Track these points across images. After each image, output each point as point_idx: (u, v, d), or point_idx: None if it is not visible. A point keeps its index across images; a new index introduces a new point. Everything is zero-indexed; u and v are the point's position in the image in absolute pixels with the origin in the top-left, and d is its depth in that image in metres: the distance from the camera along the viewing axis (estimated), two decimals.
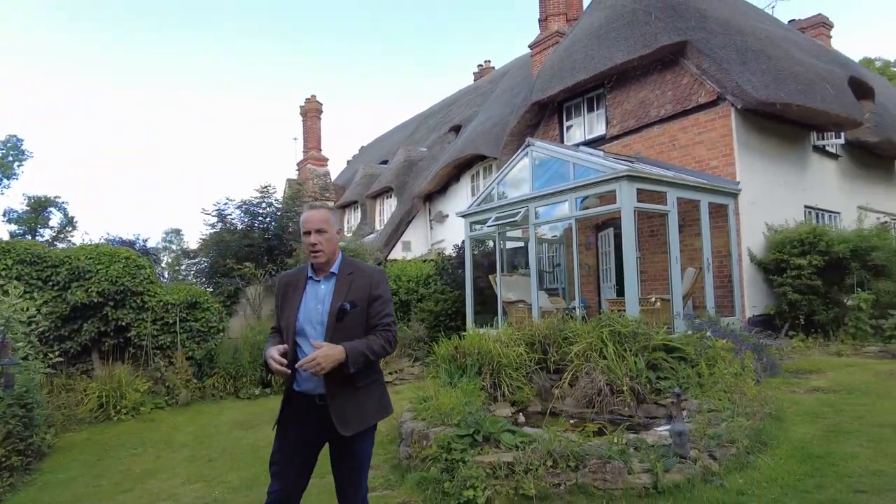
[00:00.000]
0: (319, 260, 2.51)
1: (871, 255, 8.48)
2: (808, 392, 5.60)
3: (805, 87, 9.08)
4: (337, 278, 2.53)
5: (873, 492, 3.08)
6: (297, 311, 2.48)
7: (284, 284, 2.63)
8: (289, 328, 2.48)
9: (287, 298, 2.56)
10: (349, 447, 2.47)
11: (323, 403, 2.40)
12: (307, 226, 2.50)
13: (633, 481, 3.57)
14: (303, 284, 2.55)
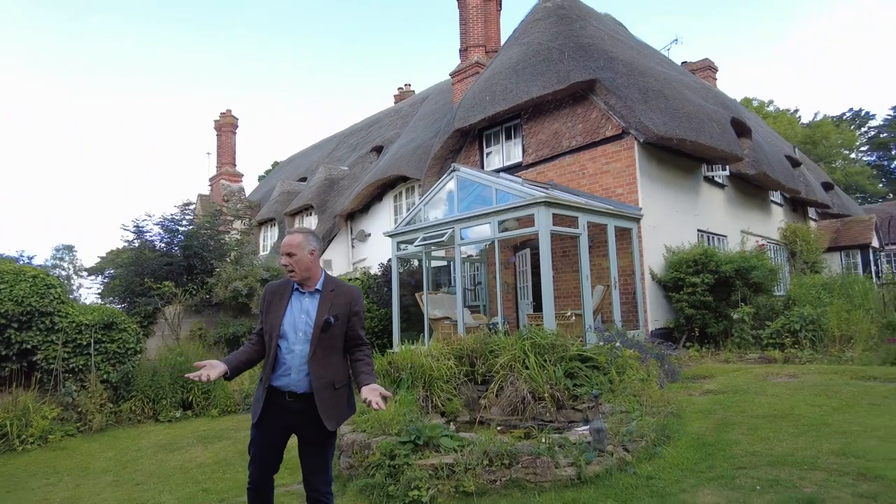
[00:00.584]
0: (294, 278, 2.91)
1: (752, 274, 9.69)
2: (703, 394, 6.39)
3: (697, 125, 10.28)
4: (321, 294, 2.92)
5: (751, 467, 3.73)
6: (282, 317, 2.86)
7: (271, 293, 2.98)
8: (273, 330, 2.85)
9: (273, 305, 2.93)
10: (326, 439, 2.88)
11: (292, 401, 2.81)
12: (282, 249, 2.94)
13: (560, 474, 4.04)
14: (288, 294, 2.93)
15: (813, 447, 4.01)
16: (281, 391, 2.82)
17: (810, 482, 3.36)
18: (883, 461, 3.56)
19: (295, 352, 2.81)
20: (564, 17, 12.27)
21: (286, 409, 2.84)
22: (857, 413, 4.88)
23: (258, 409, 2.87)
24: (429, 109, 19.53)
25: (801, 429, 4.54)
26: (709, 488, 3.49)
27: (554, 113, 11.45)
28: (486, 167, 12.87)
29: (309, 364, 2.79)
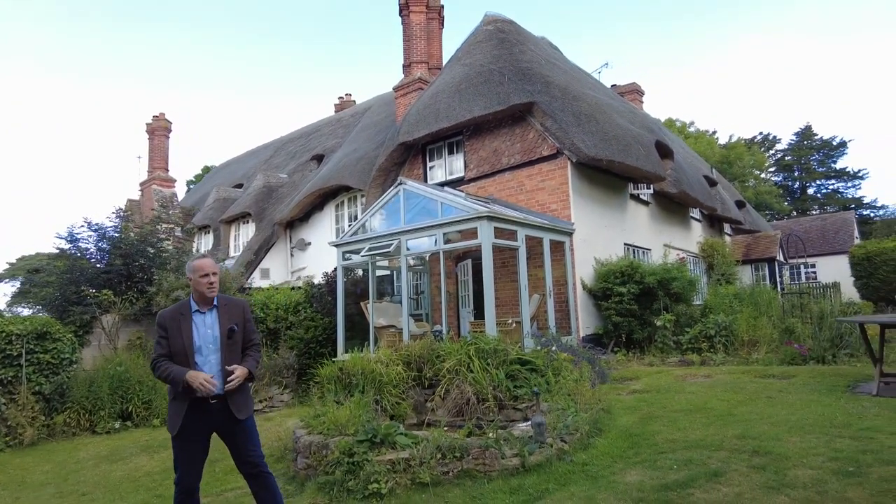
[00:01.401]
0: (215, 293, 3.50)
1: (672, 284, 10.60)
2: (630, 393, 7.05)
3: (624, 147, 11.17)
4: (218, 309, 3.50)
5: (669, 452, 4.32)
6: (193, 335, 3.39)
7: (169, 319, 3.42)
8: (188, 349, 3.35)
9: (176, 329, 3.39)
10: (241, 425, 3.49)
11: (214, 402, 3.36)
12: (207, 269, 3.46)
13: (507, 464, 4.49)
14: (188, 316, 3.43)
15: (720, 433, 4.67)
16: (204, 397, 3.30)
17: (716, 460, 3.97)
18: (772, 441, 4.24)
19: (211, 361, 3.39)
20: (504, 40, 12.97)
21: (208, 412, 3.36)
22: (756, 405, 5.64)
23: (179, 421, 3.32)
24: (371, 120, 19.81)
25: (711, 419, 5.21)
26: (634, 470, 4.03)
27: (494, 131, 12.07)
28: (430, 180, 13.33)
29: (221, 368, 3.38)
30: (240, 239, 20.72)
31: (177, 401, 3.35)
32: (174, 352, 3.35)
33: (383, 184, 13.93)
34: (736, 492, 3.35)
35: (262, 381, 10.16)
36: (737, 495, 3.30)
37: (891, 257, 20.35)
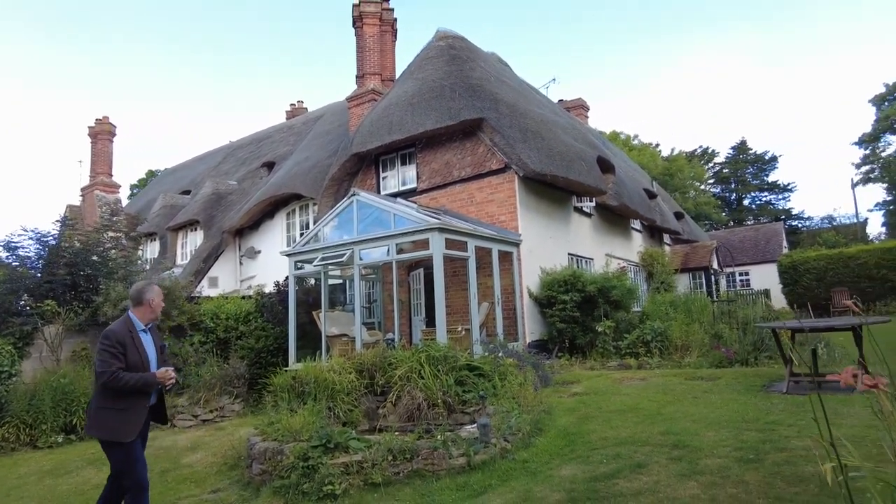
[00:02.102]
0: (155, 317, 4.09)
1: (612, 292, 11.21)
2: (570, 396, 7.50)
3: (568, 163, 11.75)
4: (151, 330, 4.06)
5: (602, 448, 4.74)
6: (146, 350, 3.89)
7: (124, 335, 3.83)
8: (145, 361, 3.84)
9: (130, 345, 3.80)
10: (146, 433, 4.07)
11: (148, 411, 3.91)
12: (162, 298, 4.14)
13: (454, 463, 4.81)
14: (137, 335, 3.88)
15: (647, 431, 5.13)
16: (147, 405, 3.88)
17: (641, 454, 4.40)
18: (690, 435, 4.73)
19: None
20: (456, 57, 13.41)
21: (145, 418, 3.89)
22: (682, 405, 6.17)
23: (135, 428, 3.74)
24: (324, 128, 19.89)
25: (641, 418, 5.69)
26: (569, 465, 4.42)
27: (446, 145, 12.46)
28: (383, 190, 13.58)
29: None
30: (187, 247, 20.36)
31: (129, 410, 3.74)
32: (130, 365, 3.72)
33: (336, 193, 14.09)
34: (654, 480, 3.78)
35: (213, 391, 10.14)
36: (654, 483, 3.72)
37: (813, 266, 21.87)
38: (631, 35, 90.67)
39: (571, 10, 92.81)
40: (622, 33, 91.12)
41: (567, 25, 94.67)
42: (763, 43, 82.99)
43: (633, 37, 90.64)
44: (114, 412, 3.67)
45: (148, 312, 3.96)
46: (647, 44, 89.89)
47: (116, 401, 3.68)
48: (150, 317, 3.98)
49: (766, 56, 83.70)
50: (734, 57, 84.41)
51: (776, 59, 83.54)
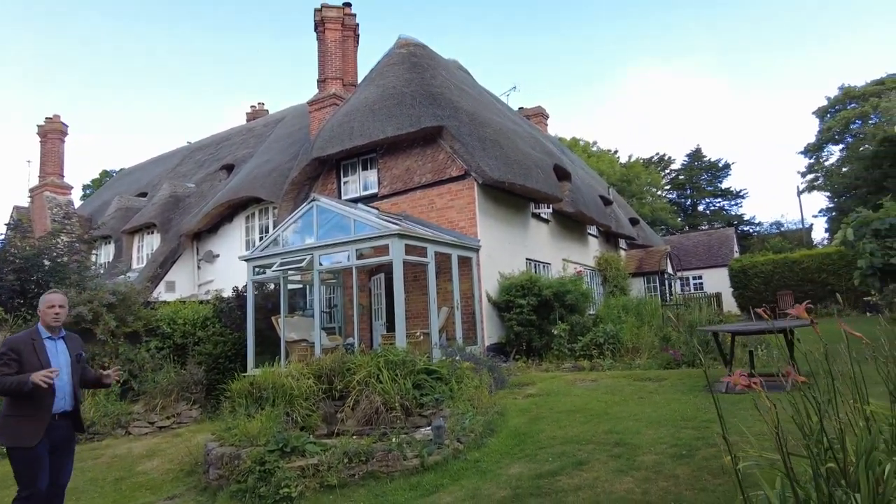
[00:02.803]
0: (59, 323, 4.04)
1: (567, 296, 11.56)
2: (525, 397, 7.74)
3: (525, 171, 12.07)
4: (65, 339, 4.11)
5: (549, 447, 4.98)
6: (50, 357, 3.90)
7: (22, 344, 3.87)
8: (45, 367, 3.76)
9: (30, 351, 3.85)
10: (72, 446, 4.13)
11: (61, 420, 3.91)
12: (55, 302, 4.02)
13: (408, 464, 4.97)
14: (40, 342, 3.92)
15: (593, 430, 5.40)
16: (54, 414, 3.87)
17: (584, 451, 4.66)
18: (632, 434, 5.01)
19: (64, 380, 3.93)
20: (417, 64, 13.60)
21: (55, 428, 3.87)
22: (629, 405, 6.48)
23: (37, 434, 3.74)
24: (284, 132, 19.78)
25: (589, 418, 5.97)
26: (517, 464, 4.64)
27: (407, 151, 12.62)
28: (343, 195, 13.64)
29: (73, 389, 4.01)
30: (144, 250, 19.93)
31: (33, 416, 3.78)
32: (27, 371, 3.73)
33: (296, 197, 14.07)
34: (594, 476, 4.02)
35: (170, 398, 10.03)
36: (594, 479, 3.97)
37: (761, 270, 22.88)
38: (593, 44, 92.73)
39: (536, 19, 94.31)
40: (584, 43, 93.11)
41: (531, 34, 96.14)
42: (720, 54, 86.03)
43: (595, 46, 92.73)
44: (17, 419, 3.76)
45: (44, 320, 3.98)
46: (609, 53, 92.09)
47: (21, 408, 3.75)
48: (47, 323, 3.97)
49: (723, 67, 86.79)
50: (692, 66, 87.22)
51: (731, 70, 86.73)
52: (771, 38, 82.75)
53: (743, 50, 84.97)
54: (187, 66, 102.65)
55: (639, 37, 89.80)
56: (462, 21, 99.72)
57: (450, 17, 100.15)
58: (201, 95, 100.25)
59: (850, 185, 29.15)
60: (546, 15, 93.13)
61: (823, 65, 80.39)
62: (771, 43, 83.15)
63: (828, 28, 77.62)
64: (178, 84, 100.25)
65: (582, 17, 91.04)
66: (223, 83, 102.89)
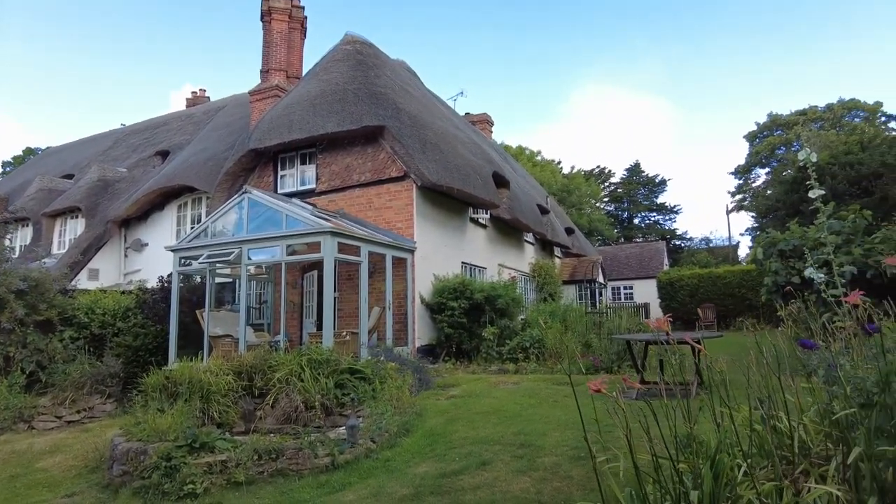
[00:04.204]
0: None
1: (498, 301, 11.80)
2: (448, 398, 7.86)
3: (464, 176, 12.25)
4: None
5: (459, 447, 5.11)
6: None
7: None
8: None
9: None
10: None
11: None
12: None
13: (318, 463, 4.98)
14: None
15: (504, 431, 5.57)
16: None
17: (490, 452, 4.81)
18: (539, 436, 5.21)
19: None
20: (362, 62, 13.56)
21: None
22: (543, 408, 6.71)
23: None
24: (225, 120, 19.28)
25: (503, 419, 6.14)
26: (426, 463, 4.74)
27: (347, 148, 12.56)
28: (280, 189, 13.42)
29: None
30: (66, 235, 18.93)
31: None
32: None
33: (230, 188, 13.74)
34: (494, 476, 4.17)
35: (82, 391, 9.59)
36: (494, 479, 4.12)
37: (687, 283, 24.00)
38: (546, 56, 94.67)
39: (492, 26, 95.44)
40: (537, 54, 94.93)
41: (485, 41, 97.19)
42: (665, 74, 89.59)
43: (547, 58, 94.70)
44: None
45: None
46: (560, 66, 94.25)
47: None
48: None
49: (666, 86, 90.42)
50: (638, 84, 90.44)
51: (674, 90, 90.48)
52: (713, 63, 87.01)
53: (686, 72, 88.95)
54: (133, 47, 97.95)
55: (590, 51, 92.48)
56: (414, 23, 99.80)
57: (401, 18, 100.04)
58: (148, 78, 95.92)
59: (773, 206, 30.93)
60: (502, 23, 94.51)
61: (757, 91, 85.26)
62: (712, 67, 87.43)
63: (763, 57, 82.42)
64: (120, 66, 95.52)
65: (536, 29, 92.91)
66: (171, 67, 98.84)
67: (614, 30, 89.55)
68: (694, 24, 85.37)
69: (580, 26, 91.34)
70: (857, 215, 9.01)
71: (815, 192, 3.58)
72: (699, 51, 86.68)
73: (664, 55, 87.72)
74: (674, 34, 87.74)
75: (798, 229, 9.69)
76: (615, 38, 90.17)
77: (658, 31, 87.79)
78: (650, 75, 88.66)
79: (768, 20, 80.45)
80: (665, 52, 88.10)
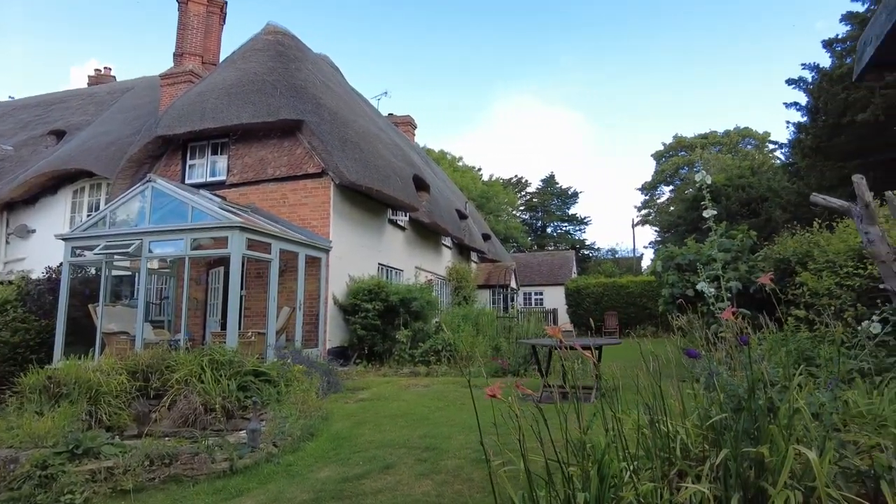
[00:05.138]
0: None
1: (413, 303, 11.84)
2: (356, 401, 7.79)
3: (384, 177, 12.20)
4: None
5: (364, 451, 5.08)
6: None
7: None
8: None
9: None
10: None
11: None
12: None
13: (216, 468, 4.77)
14: None
15: (410, 434, 5.60)
16: None
17: (395, 455, 4.82)
18: (444, 439, 5.29)
19: None
20: (283, 54, 13.18)
21: None
22: (450, 410, 6.80)
23: None
24: (132, 103, 18.11)
25: (410, 422, 6.17)
26: (328, 467, 4.67)
27: (263, 140, 12.15)
28: (188, 179, 12.76)
29: None
30: None
31: None
32: None
33: (134, 175, 12.91)
34: (397, 480, 4.19)
35: None
36: (396, 482, 4.13)
37: (593, 291, 25.16)
38: (472, 65, 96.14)
39: (421, 31, 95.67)
40: (464, 62, 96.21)
41: (414, 45, 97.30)
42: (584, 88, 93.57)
43: (474, 66, 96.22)
44: None
45: None
46: (485, 75, 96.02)
47: None
48: None
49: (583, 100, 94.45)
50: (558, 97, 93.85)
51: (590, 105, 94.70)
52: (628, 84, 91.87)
53: (602, 90, 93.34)
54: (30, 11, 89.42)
55: (513, 63, 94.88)
56: (340, 19, 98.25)
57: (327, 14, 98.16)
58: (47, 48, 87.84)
59: (674, 223, 33.18)
60: (431, 28, 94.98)
61: (666, 113, 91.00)
62: (627, 87, 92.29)
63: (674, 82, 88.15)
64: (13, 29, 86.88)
65: (462, 36, 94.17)
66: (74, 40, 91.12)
67: (538, 42, 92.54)
68: (612, 44, 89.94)
69: (506, 37, 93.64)
70: (744, 235, 9.84)
71: (708, 212, 3.90)
72: (616, 71, 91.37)
73: (584, 73, 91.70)
74: (594, 54, 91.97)
75: (694, 245, 10.44)
76: (538, 51, 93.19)
77: (579, 48, 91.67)
78: (569, 91, 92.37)
79: (681, 46, 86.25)
80: (585, 69, 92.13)
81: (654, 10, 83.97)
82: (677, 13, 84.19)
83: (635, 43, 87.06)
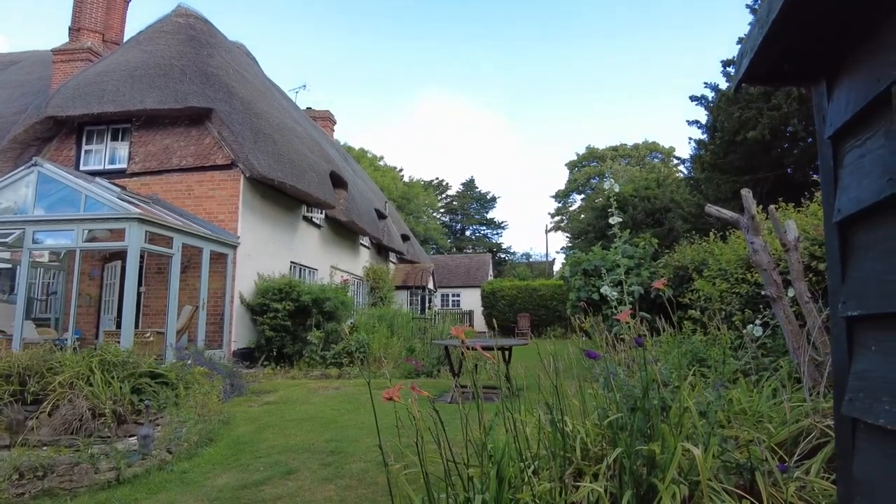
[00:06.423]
0: None
1: (325, 304, 11.57)
2: (261, 405, 7.48)
3: (299, 172, 11.84)
4: None
5: (266, 456, 4.88)
6: None
7: None
8: None
9: None
10: None
11: None
12: None
13: (99, 478, 4.39)
14: None
15: (317, 438, 5.44)
16: None
17: (298, 460, 4.67)
18: (351, 442, 5.19)
19: None
20: (195, 38, 12.48)
21: None
22: (360, 413, 6.69)
23: None
24: (18, 78, 16.52)
25: (317, 426, 6.00)
26: (227, 474, 4.44)
27: (168, 128, 11.44)
28: (83, 166, 11.79)
29: None
30: None
31: None
32: None
33: (17, 158, 11.76)
34: (298, 485, 4.05)
35: None
36: (298, 488, 3.99)
37: (507, 294, 25.78)
38: (397, 63, 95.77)
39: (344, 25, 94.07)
40: (389, 60, 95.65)
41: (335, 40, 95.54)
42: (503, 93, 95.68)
43: (398, 65, 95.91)
44: None
45: None
46: (409, 74, 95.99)
47: None
48: None
49: (503, 106, 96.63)
50: (479, 101, 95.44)
51: (510, 111, 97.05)
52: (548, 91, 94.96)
53: (524, 97, 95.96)
54: None
55: (435, 63, 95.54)
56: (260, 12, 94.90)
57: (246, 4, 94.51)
58: None
59: (584, 230, 34.61)
60: (354, 25, 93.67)
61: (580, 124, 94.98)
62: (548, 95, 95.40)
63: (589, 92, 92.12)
64: None
65: (386, 34, 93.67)
66: None
67: (459, 45, 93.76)
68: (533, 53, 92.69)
69: (428, 38, 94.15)
70: (647, 242, 10.42)
71: (613, 219, 4.08)
72: (536, 78, 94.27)
73: (505, 78, 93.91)
74: (514, 59, 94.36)
75: (599, 251, 10.92)
76: (460, 54, 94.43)
77: (501, 53, 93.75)
78: (490, 97, 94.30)
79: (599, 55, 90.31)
80: (505, 75, 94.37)
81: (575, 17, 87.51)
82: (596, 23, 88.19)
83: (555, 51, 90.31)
